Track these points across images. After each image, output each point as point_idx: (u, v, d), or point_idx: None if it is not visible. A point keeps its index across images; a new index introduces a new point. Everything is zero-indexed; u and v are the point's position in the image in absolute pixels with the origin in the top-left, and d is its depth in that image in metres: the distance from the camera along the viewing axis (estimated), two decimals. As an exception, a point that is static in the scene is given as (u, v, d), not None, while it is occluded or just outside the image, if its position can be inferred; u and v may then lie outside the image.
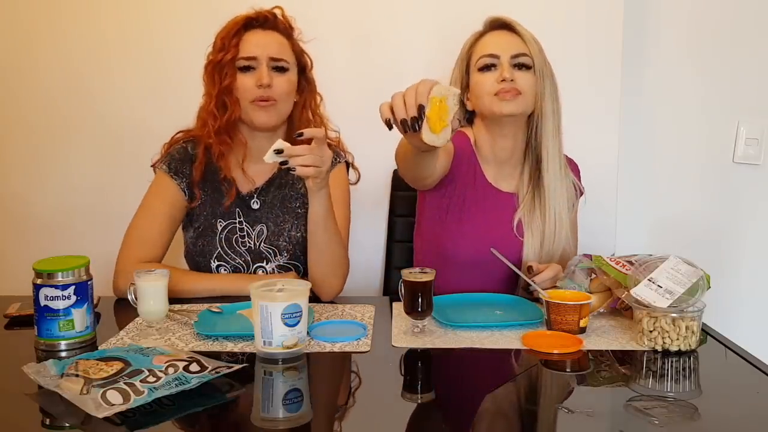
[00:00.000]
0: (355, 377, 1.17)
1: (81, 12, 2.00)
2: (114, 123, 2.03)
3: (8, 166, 2.09)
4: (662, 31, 2.03)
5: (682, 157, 2.08)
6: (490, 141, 1.59)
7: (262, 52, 1.51)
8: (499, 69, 1.50)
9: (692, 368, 1.17)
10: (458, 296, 1.49)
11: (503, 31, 1.55)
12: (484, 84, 1.51)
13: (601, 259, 1.37)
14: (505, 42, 1.52)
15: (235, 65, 1.50)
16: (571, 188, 1.62)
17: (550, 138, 1.54)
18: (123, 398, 0.94)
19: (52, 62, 2.03)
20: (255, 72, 1.51)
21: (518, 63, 1.51)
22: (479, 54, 1.54)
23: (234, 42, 1.50)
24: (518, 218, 1.58)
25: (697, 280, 1.24)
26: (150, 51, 2.00)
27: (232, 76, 1.50)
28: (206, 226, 1.57)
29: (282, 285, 1.19)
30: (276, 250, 1.57)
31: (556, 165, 1.55)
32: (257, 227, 1.58)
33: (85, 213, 2.07)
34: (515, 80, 1.48)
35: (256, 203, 1.59)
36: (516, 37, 1.53)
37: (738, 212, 2.09)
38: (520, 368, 1.20)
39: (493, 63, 1.51)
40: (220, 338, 1.25)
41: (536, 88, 1.52)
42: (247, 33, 1.52)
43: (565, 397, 1.06)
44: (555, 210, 1.56)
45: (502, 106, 1.49)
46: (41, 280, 1.21)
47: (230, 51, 1.50)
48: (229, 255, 1.56)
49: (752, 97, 2.06)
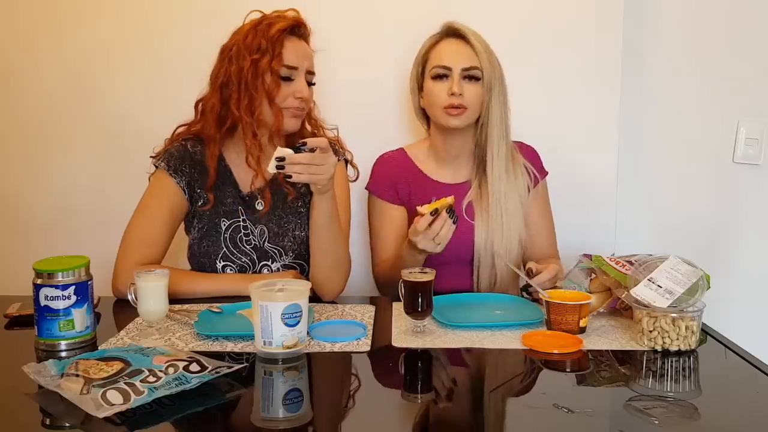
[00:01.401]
0: (355, 377, 1.17)
1: (81, 13, 2.00)
2: (114, 123, 2.03)
3: (8, 166, 2.09)
4: (662, 31, 2.03)
5: (682, 157, 2.07)
6: (443, 140, 1.69)
7: (302, 63, 1.52)
8: (449, 81, 1.60)
9: (692, 368, 1.17)
10: (458, 296, 1.50)
11: (457, 41, 1.62)
12: (436, 95, 1.62)
13: (601, 259, 1.37)
14: (458, 53, 1.61)
15: (277, 71, 1.48)
16: (522, 178, 1.69)
17: (495, 143, 1.64)
18: (123, 398, 0.94)
19: (51, 63, 2.03)
20: (294, 82, 1.51)
21: (468, 75, 1.60)
22: (433, 62, 1.63)
23: (278, 47, 1.48)
24: (467, 201, 1.67)
25: (697, 280, 1.24)
26: (150, 51, 2.00)
27: (277, 83, 1.49)
28: (210, 227, 1.56)
29: (282, 285, 1.19)
30: (281, 250, 1.57)
31: (501, 167, 1.65)
32: (259, 227, 1.57)
33: (85, 213, 2.07)
34: (463, 94, 1.59)
35: (260, 204, 1.59)
36: (468, 48, 1.61)
37: (738, 212, 2.08)
38: (520, 368, 1.20)
39: (445, 74, 1.61)
40: (220, 338, 1.25)
41: (483, 98, 1.61)
42: (288, 40, 1.51)
43: (565, 398, 1.06)
44: (500, 201, 1.64)
45: (449, 120, 1.61)
46: (41, 280, 1.21)
47: (275, 57, 1.47)
48: (235, 254, 1.55)
49: (752, 97, 2.05)
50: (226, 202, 1.57)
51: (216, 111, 1.52)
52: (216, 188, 1.57)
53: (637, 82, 2.03)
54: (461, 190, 1.68)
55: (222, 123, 1.53)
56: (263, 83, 1.47)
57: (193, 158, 1.57)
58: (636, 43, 2.01)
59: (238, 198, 1.58)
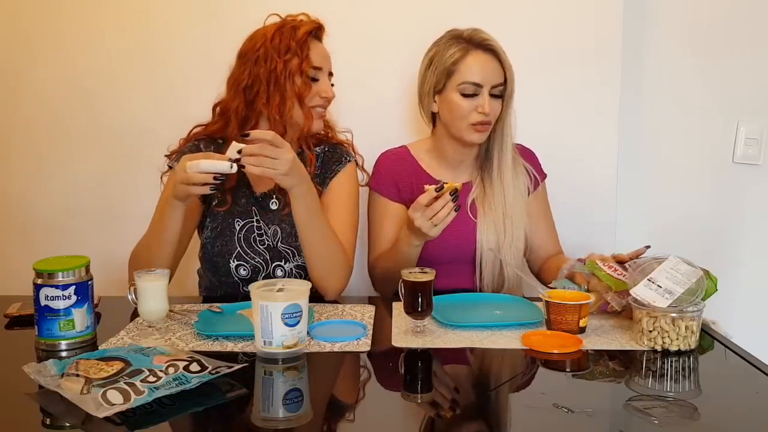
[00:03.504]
0: (355, 377, 1.17)
1: (82, 13, 2.00)
2: (115, 123, 2.03)
3: (10, 166, 2.09)
4: (662, 31, 2.03)
5: (681, 157, 2.07)
6: (453, 147, 1.69)
7: (325, 63, 1.55)
8: (480, 98, 1.59)
9: (692, 368, 1.17)
10: (458, 296, 1.50)
11: (486, 55, 1.60)
12: (464, 110, 1.59)
13: (594, 263, 1.37)
14: (489, 71, 1.59)
15: (306, 72, 1.51)
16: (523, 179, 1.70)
17: (503, 147, 1.66)
18: (123, 398, 0.94)
19: (53, 63, 2.03)
20: (319, 83, 1.54)
21: (494, 93, 1.60)
22: (464, 77, 1.59)
23: (305, 49, 1.51)
24: (471, 199, 1.68)
25: (698, 279, 1.24)
26: (151, 52, 2.00)
27: (307, 84, 1.51)
28: (224, 226, 1.57)
29: (282, 285, 1.19)
30: (295, 251, 1.57)
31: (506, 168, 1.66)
32: (272, 227, 1.58)
33: (86, 213, 2.07)
34: (490, 113, 1.59)
35: (274, 203, 1.59)
36: (498, 65, 1.60)
37: (738, 212, 2.08)
38: (520, 368, 1.20)
39: (474, 92, 1.59)
40: (220, 338, 1.25)
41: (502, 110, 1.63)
42: (312, 42, 1.54)
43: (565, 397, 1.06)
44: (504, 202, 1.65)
45: (474, 137, 1.61)
46: (42, 280, 1.21)
47: (305, 59, 1.50)
48: (249, 254, 1.56)
49: (752, 97, 2.05)
50: (239, 202, 1.58)
51: (240, 113, 1.53)
52: (232, 189, 1.57)
53: (636, 82, 2.03)
54: (465, 189, 1.68)
55: (245, 124, 1.54)
56: (294, 84, 1.50)
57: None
58: (636, 42, 2.01)
59: (251, 198, 1.59)
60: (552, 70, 1.97)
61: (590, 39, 1.96)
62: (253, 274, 1.56)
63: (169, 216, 1.40)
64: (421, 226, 1.42)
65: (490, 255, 1.63)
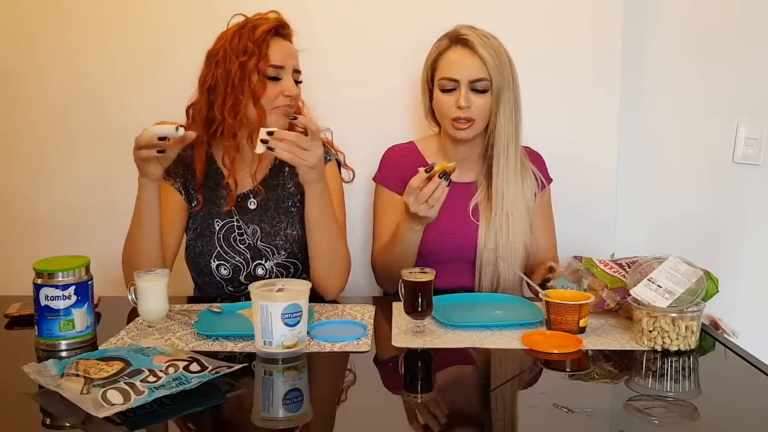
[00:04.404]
0: (355, 377, 1.17)
1: (84, 13, 2.00)
2: (116, 123, 2.03)
3: (11, 165, 2.09)
4: (662, 31, 2.03)
5: (681, 157, 2.07)
6: (452, 145, 1.70)
7: (288, 62, 1.52)
8: (457, 93, 1.59)
9: (692, 368, 1.17)
10: (458, 296, 1.50)
11: (464, 50, 1.59)
12: (444, 105, 1.61)
13: (591, 261, 1.38)
14: (465, 65, 1.58)
15: (264, 72, 1.49)
16: (529, 183, 1.69)
17: (503, 148, 1.63)
18: (123, 398, 0.94)
19: (54, 62, 2.03)
20: (281, 82, 1.51)
21: (475, 88, 1.58)
22: (441, 73, 1.61)
23: (263, 48, 1.49)
24: (474, 203, 1.67)
25: (698, 279, 1.24)
26: (153, 50, 2.00)
27: (263, 83, 1.49)
28: (204, 227, 1.58)
29: (282, 285, 1.20)
30: (274, 249, 1.57)
31: (509, 170, 1.65)
32: (251, 227, 1.58)
33: (87, 213, 2.07)
34: (471, 106, 1.58)
35: (252, 203, 1.60)
36: (476, 59, 1.58)
37: (738, 212, 2.08)
38: (520, 368, 1.20)
39: (453, 87, 1.59)
40: (220, 338, 1.25)
41: (491, 107, 1.61)
42: (273, 40, 1.52)
43: (565, 397, 1.06)
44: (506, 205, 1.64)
45: (456, 133, 1.62)
46: (42, 280, 1.21)
47: (262, 58, 1.48)
48: (229, 254, 1.56)
49: (752, 97, 2.05)
50: (219, 202, 1.58)
51: (203, 114, 1.53)
52: (208, 189, 1.59)
53: (636, 82, 2.03)
54: (468, 189, 1.68)
55: (209, 125, 1.54)
56: (249, 84, 1.49)
57: (185, 161, 1.58)
58: (635, 43, 2.01)
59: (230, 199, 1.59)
60: (552, 71, 1.97)
61: (590, 39, 1.96)
62: (234, 274, 1.56)
63: (142, 198, 1.44)
64: (417, 210, 1.43)
65: (490, 255, 1.63)
